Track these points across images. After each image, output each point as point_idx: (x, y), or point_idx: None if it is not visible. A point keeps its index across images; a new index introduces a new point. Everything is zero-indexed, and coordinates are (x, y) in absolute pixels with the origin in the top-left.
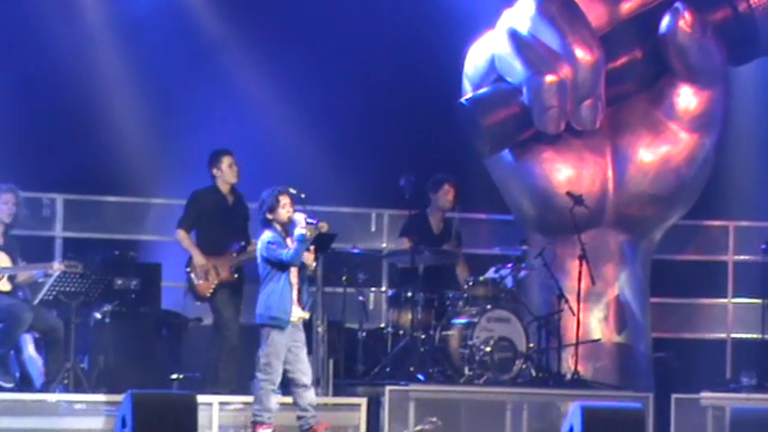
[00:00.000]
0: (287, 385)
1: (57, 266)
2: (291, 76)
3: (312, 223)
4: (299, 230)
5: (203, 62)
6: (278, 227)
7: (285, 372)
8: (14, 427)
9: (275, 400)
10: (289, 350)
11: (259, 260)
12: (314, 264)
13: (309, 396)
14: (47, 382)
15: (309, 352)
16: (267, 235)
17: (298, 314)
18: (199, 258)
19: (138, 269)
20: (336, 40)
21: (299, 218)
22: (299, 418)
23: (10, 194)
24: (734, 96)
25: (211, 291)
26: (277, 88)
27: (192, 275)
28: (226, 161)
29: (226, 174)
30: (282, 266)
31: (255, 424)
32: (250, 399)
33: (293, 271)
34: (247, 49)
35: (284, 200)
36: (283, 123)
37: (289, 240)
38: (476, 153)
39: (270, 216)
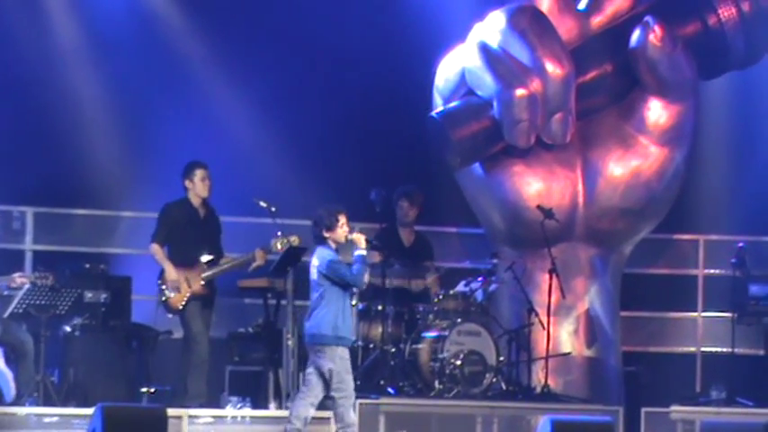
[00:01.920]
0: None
1: (18, 280)
2: (262, 90)
3: (371, 245)
4: (360, 252)
5: (174, 75)
6: (332, 245)
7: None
8: None
9: (354, 415)
10: None
11: (314, 277)
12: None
13: (312, 412)
14: (17, 395)
15: (280, 366)
16: (327, 253)
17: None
18: (171, 272)
19: (108, 282)
20: (307, 53)
21: (358, 239)
22: None
23: None
24: (704, 110)
25: (183, 303)
26: (247, 102)
27: (164, 288)
28: (199, 174)
29: (197, 187)
30: (345, 286)
31: None
32: (220, 412)
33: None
34: (218, 63)
35: (342, 219)
36: (254, 136)
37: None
38: (446, 166)
39: (327, 234)
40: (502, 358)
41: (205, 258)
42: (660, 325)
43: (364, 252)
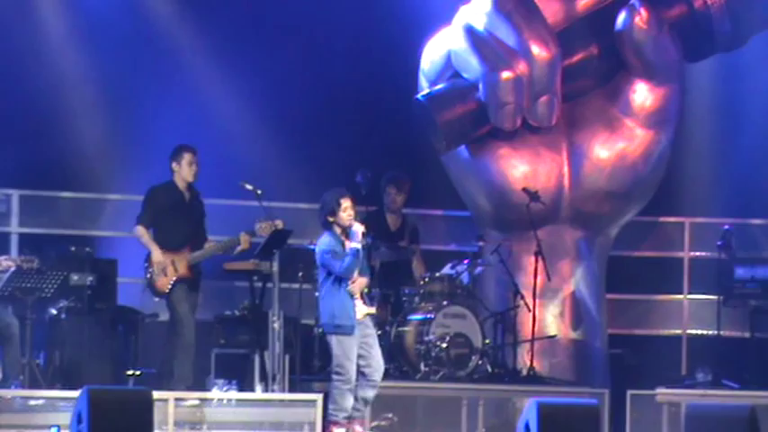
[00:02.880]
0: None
1: (4, 263)
2: (249, 72)
3: (365, 238)
4: (354, 244)
5: (160, 58)
6: (338, 230)
7: (358, 366)
8: None
9: (350, 398)
10: (360, 346)
11: (318, 262)
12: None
13: (369, 393)
14: (3, 378)
15: (266, 348)
16: (324, 241)
17: (363, 311)
18: (157, 255)
19: (93, 265)
20: (294, 35)
21: (357, 229)
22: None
23: None
24: (690, 93)
25: (169, 287)
26: (234, 84)
27: (151, 272)
28: (187, 158)
29: (184, 170)
30: (339, 276)
31: (330, 423)
32: (206, 395)
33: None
34: (205, 46)
35: (345, 203)
36: (240, 118)
37: (347, 243)
38: (432, 149)
39: (331, 219)
40: (488, 341)
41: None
42: (646, 307)
43: (359, 245)
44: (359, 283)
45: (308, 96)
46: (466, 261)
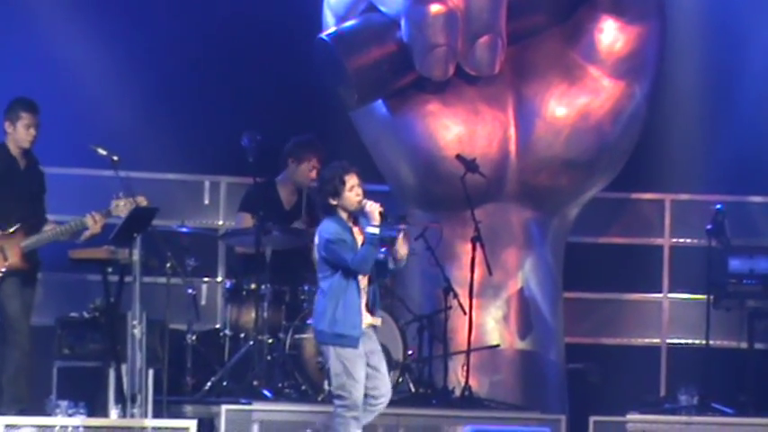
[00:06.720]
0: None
1: None
2: (106, 13)
3: (389, 222)
4: (371, 229)
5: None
6: (343, 215)
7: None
8: None
9: (357, 429)
10: (366, 364)
11: (316, 257)
12: (403, 261)
13: (370, 417)
14: None
15: (124, 361)
16: (328, 228)
17: (366, 320)
18: None
19: None
20: None
21: (373, 209)
22: None
23: None
24: (671, 36)
25: None
26: (89, 29)
27: None
28: (24, 119)
29: (19, 134)
30: (348, 272)
31: None
32: (46, 421)
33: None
34: None
35: (352, 180)
36: (95, 70)
37: (356, 231)
38: (340, 104)
39: (333, 202)
40: (410, 352)
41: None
42: (615, 310)
43: (377, 230)
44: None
45: (180, 41)
46: (383, 249)
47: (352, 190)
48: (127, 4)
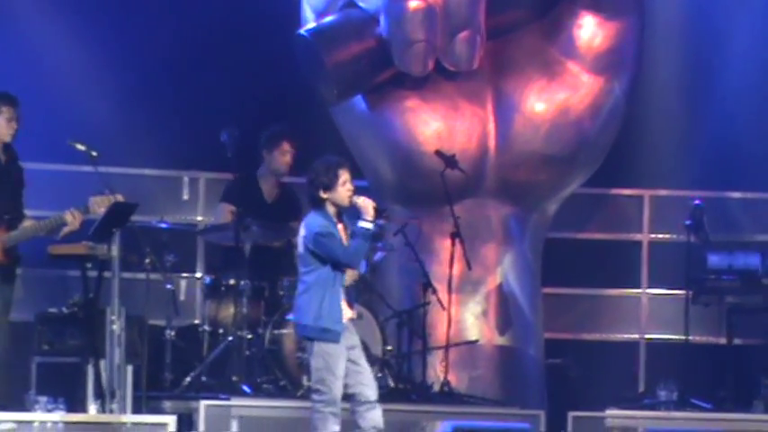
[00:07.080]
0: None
1: None
2: (87, 7)
3: (380, 215)
4: (364, 224)
5: None
6: (331, 209)
7: (346, 387)
8: None
9: (334, 425)
10: (347, 359)
11: (301, 250)
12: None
13: (375, 417)
14: None
15: (103, 356)
16: (315, 222)
17: (346, 314)
18: None
19: None
20: None
21: (366, 205)
22: None
23: None
24: (650, 31)
25: None
26: (67, 25)
27: None
28: (6, 113)
29: (1, 128)
30: (337, 266)
31: None
32: (24, 416)
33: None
34: None
35: (345, 175)
36: (73, 66)
37: (340, 227)
38: (319, 100)
39: (324, 195)
40: (389, 347)
41: None
42: (594, 305)
43: (370, 225)
44: (350, 274)
45: (159, 34)
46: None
47: (345, 185)
48: (105, 1)
